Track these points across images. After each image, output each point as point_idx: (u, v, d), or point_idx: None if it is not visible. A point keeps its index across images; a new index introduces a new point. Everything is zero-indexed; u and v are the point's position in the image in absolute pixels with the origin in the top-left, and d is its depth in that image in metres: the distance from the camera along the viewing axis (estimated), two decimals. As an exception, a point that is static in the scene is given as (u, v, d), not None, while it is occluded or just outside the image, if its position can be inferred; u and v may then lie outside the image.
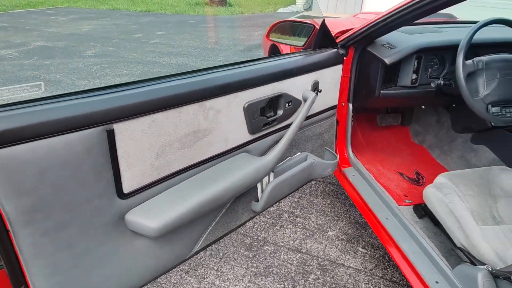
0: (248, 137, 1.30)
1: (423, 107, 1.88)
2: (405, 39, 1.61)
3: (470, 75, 1.39)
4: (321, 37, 1.46)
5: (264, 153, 1.41)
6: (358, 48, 1.64)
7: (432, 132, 2.22)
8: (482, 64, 1.37)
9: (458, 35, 1.69)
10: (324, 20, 1.40)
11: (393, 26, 1.35)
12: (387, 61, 1.50)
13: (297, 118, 1.37)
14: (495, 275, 1.13)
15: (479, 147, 1.91)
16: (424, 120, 2.27)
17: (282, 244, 1.97)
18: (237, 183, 1.19)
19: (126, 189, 0.96)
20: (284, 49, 2.00)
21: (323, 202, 2.33)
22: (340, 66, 1.56)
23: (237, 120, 1.21)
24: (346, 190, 1.89)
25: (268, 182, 1.43)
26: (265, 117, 1.32)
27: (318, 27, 1.45)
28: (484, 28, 1.43)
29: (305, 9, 10.93)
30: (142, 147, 0.96)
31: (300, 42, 1.61)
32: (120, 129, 0.88)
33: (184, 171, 1.11)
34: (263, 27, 8.51)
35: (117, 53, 6.09)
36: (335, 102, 1.70)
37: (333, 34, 1.60)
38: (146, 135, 0.95)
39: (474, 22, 2.07)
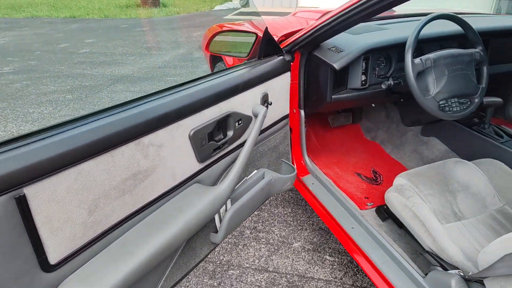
0: (198, 166, 1.17)
1: (373, 105, 1.89)
2: (351, 41, 1.58)
3: (420, 74, 1.39)
4: (265, 45, 1.37)
5: (218, 179, 1.29)
6: (304, 53, 1.57)
7: (383, 127, 2.24)
8: (430, 62, 1.37)
9: (402, 32, 1.70)
10: (267, 28, 1.31)
11: (338, 29, 1.30)
12: (336, 66, 1.45)
13: (250, 137, 1.26)
14: (468, 279, 1.12)
15: (430, 139, 1.95)
16: (374, 117, 2.29)
17: (247, 265, 1.87)
18: (191, 222, 1.06)
19: (53, 259, 0.79)
20: (227, 59, 1.88)
21: (284, 212, 2.26)
22: (288, 74, 1.48)
23: (183, 151, 1.08)
24: (307, 199, 1.84)
25: (226, 210, 1.31)
26: (214, 141, 1.20)
27: (261, 35, 1.36)
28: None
29: (242, 6, 10.88)
30: (69, 206, 0.79)
31: (243, 52, 1.51)
32: (34, 192, 0.71)
33: (126, 220, 0.95)
34: (202, 27, 8.30)
35: (40, 67, 5.54)
36: (287, 111, 1.62)
37: (276, 39, 1.51)
38: (72, 192, 0.79)
39: (412, 15, 2.12)
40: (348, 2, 1.14)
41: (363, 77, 1.57)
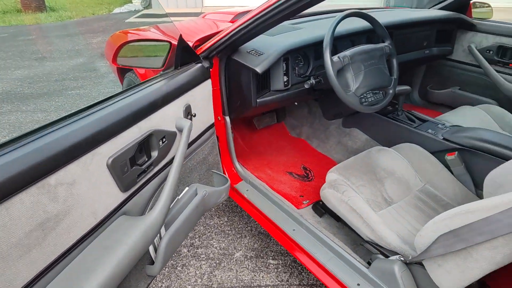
0: (122, 196, 1.03)
1: (296, 103, 1.92)
2: (269, 43, 1.57)
3: (339, 71, 1.43)
4: (181, 53, 1.27)
5: (147, 206, 1.16)
6: (223, 58, 1.51)
7: (306, 123, 2.30)
8: (347, 59, 1.42)
9: (316, 31, 1.74)
10: (181, 36, 1.21)
11: (257, 32, 1.26)
12: (259, 69, 1.42)
13: (178, 154, 1.16)
14: (409, 263, 1.18)
15: (351, 130, 2.05)
16: (297, 114, 2.34)
17: (189, 287, 1.76)
18: (123, 262, 0.92)
19: None
20: (139, 70, 1.73)
21: (221, 222, 2.19)
22: (209, 81, 1.40)
23: (102, 184, 0.93)
24: (243, 207, 1.79)
25: (160, 238, 1.19)
26: (137, 166, 1.07)
27: (175, 43, 1.25)
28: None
29: (144, 7, 10.36)
30: None
31: (157, 63, 1.38)
32: None
33: (36, 281, 0.79)
34: (103, 33, 7.67)
35: None
36: (212, 120, 1.54)
37: (190, 45, 1.42)
38: None
39: (320, 13, 2.20)
40: (265, 3, 1.11)
41: (285, 78, 1.58)
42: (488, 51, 2.30)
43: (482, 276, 0.97)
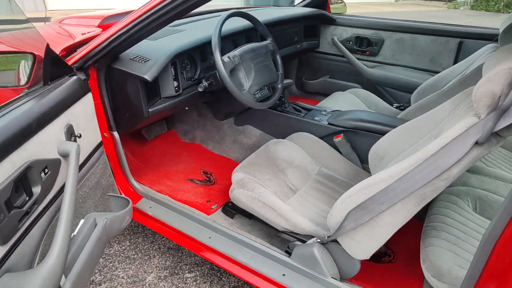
0: (2, 250, 0.83)
1: (186, 108, 1.86)
2: (154, 47, 1.47)
3: (231, 72, 1.43)
4: (50, 66, 1.08)
5: (35, 255, 0.96)
6: (102, 68, 1.35)
7: (198, 127, 2.25)
8: (238, 59, 1.42)
9: (199, 32, 1.71)
10: (48, 45, 1.03)
11: (141, 36, 1.16)
12: (148, 77, 1.32)
13: (68, 184, 0.99)
14: (325, 243, 1.26)
15: (244, 127, 2.09)
16: (186, 118, 2.27)
17: (101, 331, 1.54)
18: None
19: None
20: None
21: (123, 248, 1.98)
22: (89, 95, 1.23)
23: None
24: (148, 226, 1.66)
25: (61, 287, 1.00)
26: (17, 208, 0.87)
27: (40, 54, 1.05)
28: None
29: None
30: None
31: (17, 79, 1.14)
32: None
33: None
34: None
35: None
36: (100, 138, 1.37)
37: None
38: None
39: (197, 14, 2.17)
40: (147, 5, 1.02)
41: (176, 83, 1.50)
42: (348, 42, 2.63)
43: (388, 239, 1.10)
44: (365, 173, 1.69)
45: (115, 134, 1.50)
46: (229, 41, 1.78)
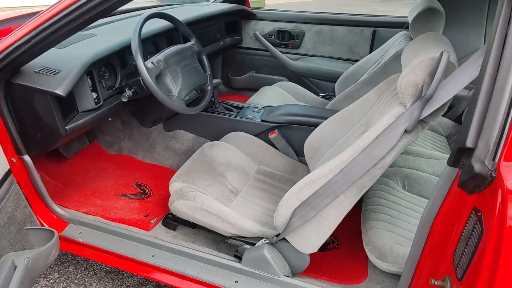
0: None
1: (109, 119, 1.70)
2: (63, 57, 1.30)
3: (157, 78, 1.33)
4: None
5: None
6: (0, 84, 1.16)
7: (124, 136, 2.10)
8: (162, 63, 1.33)
9: (114, 37, 1.57)
10: None
11: (46, 46, 1.02)
12: (62, 92, 1.16)
13: None
14: (274, 243, 1.26)
15: (175, 132, 2.00)
16: (110, 128, 2.10)
17: None
18: None
19: None
20: None
21: (51, 282, 1.78)
22: None
23: None
24: (80, 254, 1.51)
25: None
26: None
27: None
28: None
29: None
30: None
31: None
32: None
33: None
34: None
35: None
36: (6, 165, 1.19)
37: None
38: None
39: (113, 14, 2.00)
40: (55, 7, 0.89)
41: (94, 95, 1.36)
42: (270, 36, 2.66)
43: (333, 230, 1.13)
44: (302, 166, 1.73)
45: (26, 157, 1.32)
46: (149, 43, 1.67)
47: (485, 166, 0.68)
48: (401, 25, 2.23)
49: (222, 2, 2.66)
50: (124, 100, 1.40)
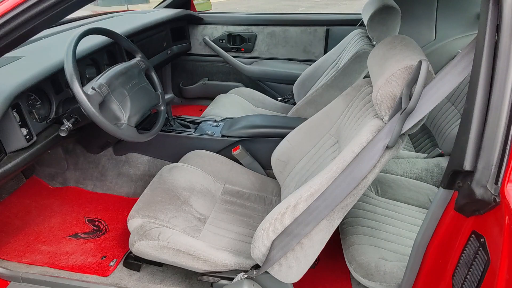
0: None
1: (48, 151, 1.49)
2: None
3: (101, 105, 1.16)
4: None
5: None
6: None
7: (69, 166, 1.88)
8: (105, 88, 1.17)
9: (42, 58, 1.36)
10: None
11: None
12: None
13: None
14: (253, 276, 1.16)
15: (128, 156, 1.83)
16: (50, 159, 1.87)
17: None
18: None
19: None
20: None
21: None
22: None
23: None
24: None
25: None
26: None
27: None
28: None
29: None
30: None
31: None
32: None
33: None
34: None
35: None
36: None
37: None
38: None
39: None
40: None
41: (25, 131, 1.16)
42: (221, 40, 2.55)
43: (317, 255, 1.06)
44: (271, 180, 1.64)
45: None
46: (88, 61, 1.48)
47: (487, 191, 0.62)
48: (354, 23, 2.22)
49: (165, 7, 2.49)
50: (62, 134, 1.21)
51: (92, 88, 1.14)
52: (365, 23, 1.66)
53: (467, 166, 0.64)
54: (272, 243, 1.04)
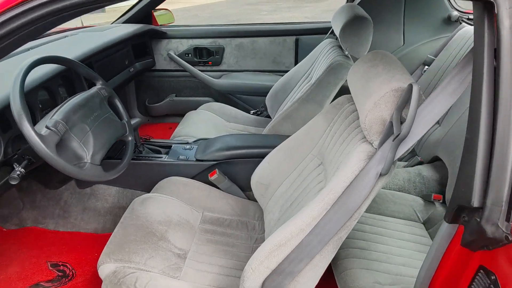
0: None
1: None
2: None
3: (58, 145, 1.04)
4: None
5: None
6: None
7: (25, 205, 1.72)
8: (62, 126, 1.04)
9: None
10: None
11: None
12: None
13: None
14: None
15: (93, 189, 1.70)
16: (1, 199, 1.69)
17: None
18: None
19: None
20: None
21: None
22: None
23: None
24: None
25: None
26: None
27: None
28: None
29: None
30: None
31: None
32: None
33: None
34: None
35: None
36: None
37: None
38: None
39: None
40: None
41: None
42: (186, 55, 2.45)
43: None
44: (251, 203, 1.57)
45: None
46: (40, 89, 1.34)
47: (499, 228, 0.58)
48: (324, 31, 2.20)
49: (125, 22, 2.37)
50: (13, 183, 1.06)
51: (47, 127, 1.01)
52: (337, 34, 1.63)
53: (475, 202, 0.60)
54: (262, 284, 0.97)
